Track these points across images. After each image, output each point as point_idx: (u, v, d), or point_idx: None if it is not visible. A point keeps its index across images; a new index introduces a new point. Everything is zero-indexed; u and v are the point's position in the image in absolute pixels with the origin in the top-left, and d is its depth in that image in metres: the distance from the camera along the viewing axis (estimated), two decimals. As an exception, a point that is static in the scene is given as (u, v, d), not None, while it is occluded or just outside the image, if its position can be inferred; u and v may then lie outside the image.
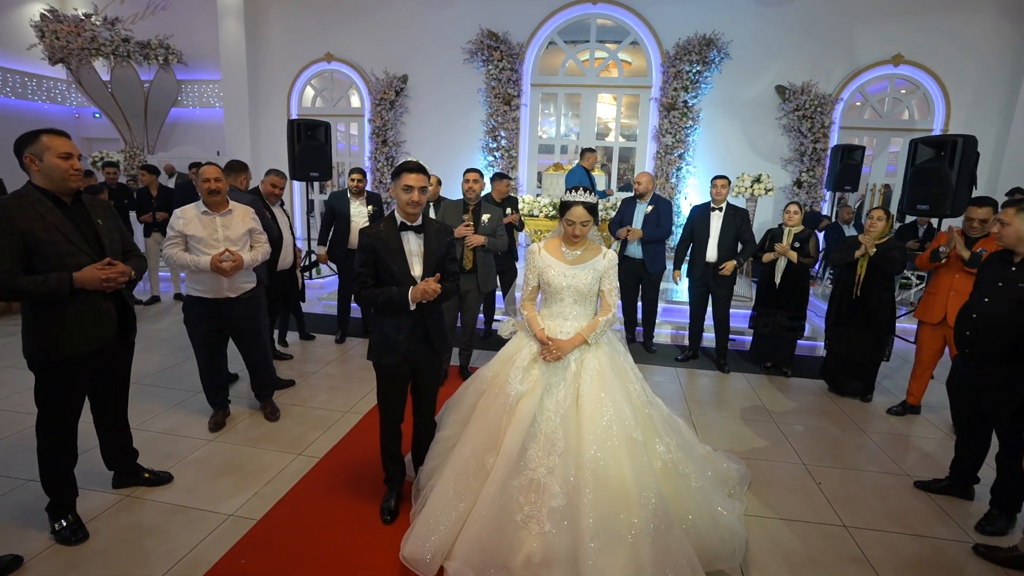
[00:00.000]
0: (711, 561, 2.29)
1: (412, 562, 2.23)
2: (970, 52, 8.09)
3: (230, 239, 3.22)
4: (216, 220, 3.21)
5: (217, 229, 3.20)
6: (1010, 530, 2.73)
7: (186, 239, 3.15)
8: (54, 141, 2.25)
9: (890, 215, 4.17)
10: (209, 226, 3.18)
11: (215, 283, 3.21)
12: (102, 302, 2.38)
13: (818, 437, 3.76)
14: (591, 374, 2.37)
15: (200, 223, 3.17)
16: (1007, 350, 2.53)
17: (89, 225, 2.39)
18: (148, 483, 2.84)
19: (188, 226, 3.13)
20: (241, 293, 3.32)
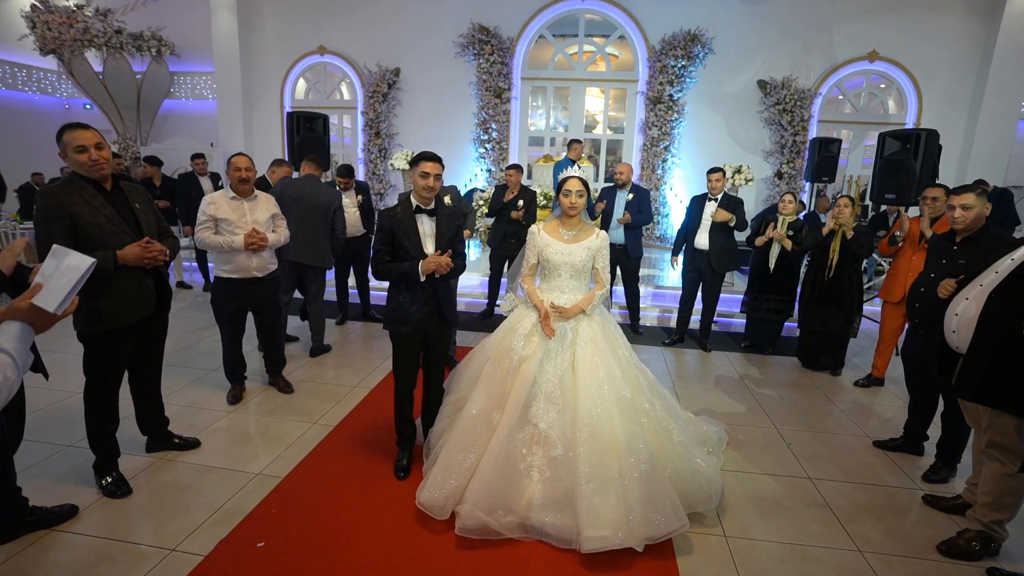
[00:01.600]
0: (691, 505, 2.60)
1: (428, 507, 2.52)
2: (940, 49, 8.48)
3: (257, 222, 3.51)
4: (244, 205, 3.51)
5: (245, 213, 3.49)
6: (951, 479, 3.09)
7: (216, 223, 3.41)
8: (71, 136, 2.44)
9: (856, 202, 4.50)
10: (238, 210, 3.48)
11: (245, 263, 3.49)
12: (143, 278, 2.62)
13: (790, 406, 4.10)
14: (585, 341, 2.66)
15: (229, 207, 3.46)
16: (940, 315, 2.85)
17: (128, 209, 2.62)
18: (178, 448, 3.09)
19: (219, 210, 3.42)
20: (267, 273, 3.60)
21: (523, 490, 2.50)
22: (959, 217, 2.86)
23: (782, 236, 4.85)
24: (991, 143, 8.30)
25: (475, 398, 2.70)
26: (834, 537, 2.62)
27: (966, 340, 2.41)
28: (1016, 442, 2.33)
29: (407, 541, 2.45)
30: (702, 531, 2.59)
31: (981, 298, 2.38)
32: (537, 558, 2.36)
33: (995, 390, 2.30)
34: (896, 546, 2.56)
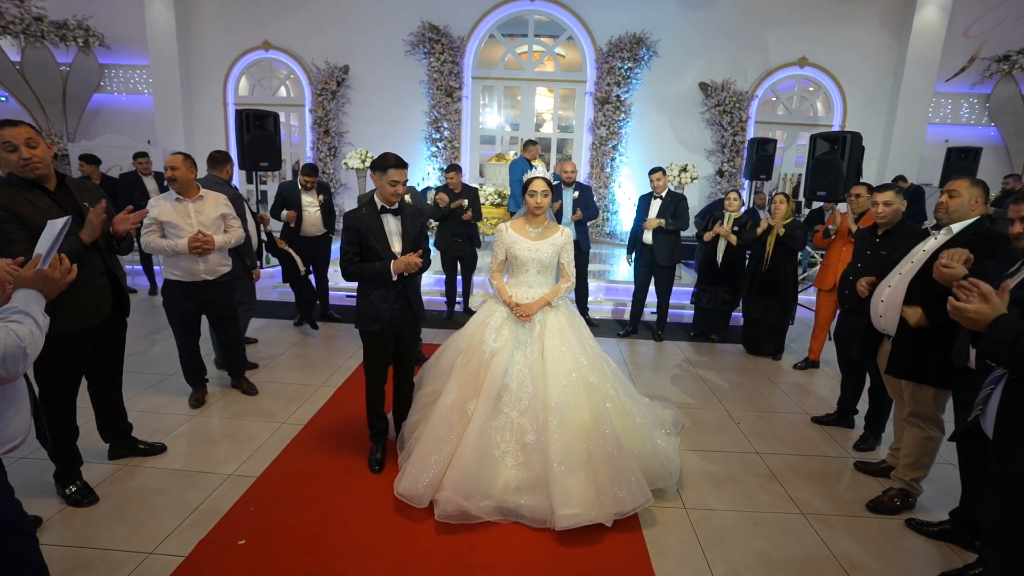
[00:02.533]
0: (653, 481, 2.80)
1: (407, 496, 2.60)
2: (861, 58, 9.18)
3: (203, 224, 3.38)
4: (189, 206, 3.39)
5: (190, 215, 3.37)
6: (878, 447, 3.45)
7: (161, 225, 3.30)
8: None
9: (790, 199, 4.88)
10: (182, 212, 3.36)
11: (192, 267, 3.39)
12: (98, 280, 2.55)
13: (737, 389, 4.41)
14: (553, 332, 2.81)
15: (174, 210, 3.34)
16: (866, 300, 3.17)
17: (76, 209, 2.55)
18: (144, 453, 3.03)
19: (162, 213, 3.30)
20: (218, 276, 3.50)
21: (499, 475, 2.63)
22: (881, 212, 3.19)
23: (727, 232, 5.18)
24: (905, 145, 9.07)
25: (449, 390, 2.80)
26: (780, 503, 2.88)
27: (893, 323, 2.71)
28: (933, 410, 2.65)
29: (388, 530, 2.52)
30: (664, 505, 2.79)
31: (902, 286, 2.69)
32: (514, 538, 2.49)
33: (919, 367, 2.61)
34: (833, 507, 2.86)
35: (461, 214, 5.52)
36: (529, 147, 6.77)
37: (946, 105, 9.43)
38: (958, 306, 1.70)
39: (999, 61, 8.98)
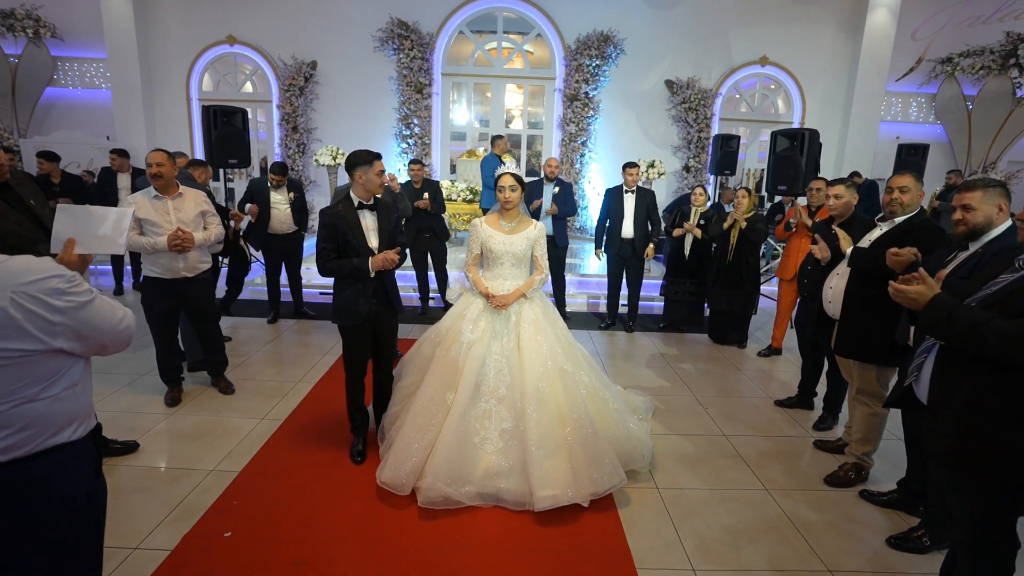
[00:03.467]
0: (627, 463, 2.93)
1: (390, 485, 2.67)
2: (819, 57, 9.56)
3: (183, 221, 3.38)
4: (168, 204, 3.37)
5: (169, 212, 3.35)
6: (835, 426, 3.67)
7: (140, 223, 3.27)
8: None
9: (752, 193, 5.10)
10: (161, 210, 3.34)
11: (172, 264, 3.38)
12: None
13: (705, 376, 4.60)
14: (528, 322, 2.91)
15: (152, 207, 3.31)
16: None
17: (26, 208, 2.52)
18: (117, 453, 3.01)
19: (141, 210, 3.26)
20: (197, 273, 3.50)
21: (479, 461, 2.72)
22: (832, 204, 3.41)
23: (692, 226, 5.38)
24: (860, 141, 9.49)
25: (429, 380, 2.87)
26: (746, 480, 3.06)
27: (839, 308, 2.92)
28: (877, 388, 2.86)
29: (373, 517, 2.59)
30: (637, 486, 2.93)
31: (847, 274, 2.90)
32: (496, 520, 2.59)
33: (861, 346, 2.82)
34: (794, 483, 3.05)
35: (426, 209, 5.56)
36: (497, 142, 6.80)
37: (897, 104, 9.90)
38: (900, 288, 1.87)
39: (943, 63, 9.48)
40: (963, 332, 1.68)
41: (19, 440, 1.29)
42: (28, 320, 1.24)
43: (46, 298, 1.25)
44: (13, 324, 1.22)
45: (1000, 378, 1.67)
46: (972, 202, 2.19)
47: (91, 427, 1.48)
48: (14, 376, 1.26)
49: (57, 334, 1.29)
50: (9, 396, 1.26)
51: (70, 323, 1.30)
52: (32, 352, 1.26)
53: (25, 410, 1.29)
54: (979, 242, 2.22)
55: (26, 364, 1.27)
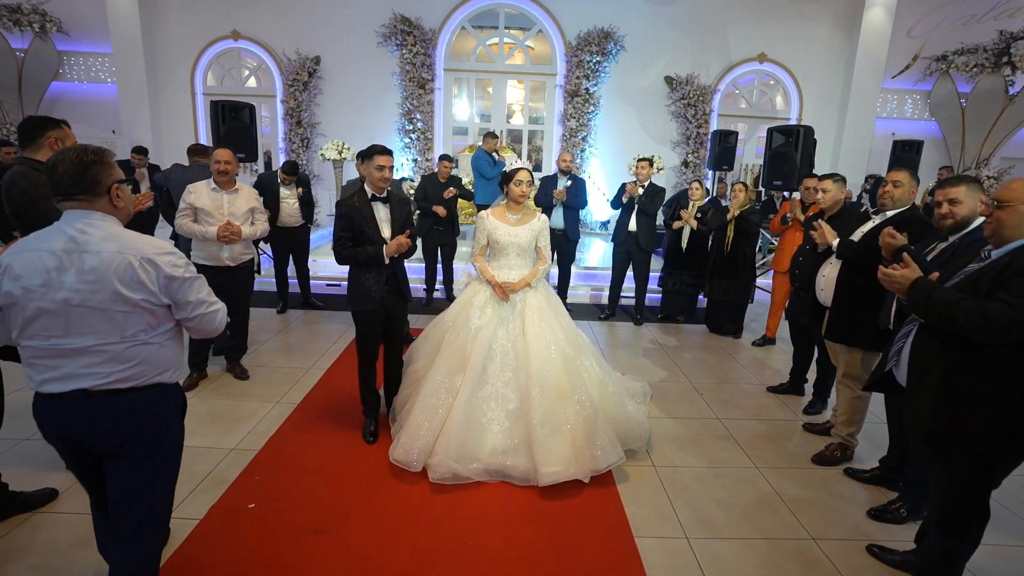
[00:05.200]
0: (625, 443, 3.09)
1: (402, 462, 2.84)
2: (816, 55, 9.69)
3: (234, 215, 3.64)
4: (223, 197, 3.63)
5: (223, 205, 3.62)
6: (824, 410, 3.84)
7: (195, 211, 3.54)
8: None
9: (748, 188, 5.25)
10: (217, 202, 3.61)
11: (217, 253, 3.62)
12: None
13: (701, 364, 4.77)
14: (533, 309, 3.08)
15: (209, 198, 3.59)
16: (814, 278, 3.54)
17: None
18: None
19: (198, 200, 3.54)
20: (239, 263, 3.73)
21: (486, 440, 2.89)
22: (820, 198, 3.58)
23: (689, 217, 5.54)
24: (856, 137, 9.64)
25: (438, 364, 3.04)
26: (738, 460, 3.23)
27: (830, 296, 3.09)
28: (861, 372, 3.03)
29: (386, 491, 2.76)
30: (635, 464, 3.10)
31: (839, 264, 3.06)
32: (502, 494, 2.76)
33: (850, 332, 2.99)
34: (784, 462, 3.22)
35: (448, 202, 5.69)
36: (487, 139, 6.87)
37: (892, 100, 10.04)
38: (887, 272, 2.04)
39: (937, 60, 9.62)
40: (938, 311, 1.85)
41: (135, 373, 1.66)
42: (149, 280, 1.61)
43: (165, 267, 1.63)
44: (138, 280, 1.60)
45: (971, 355, 1.84)
46: (958, 196, 2.35)
47: (179, 378, 1.82)
48: (135, 320, 1.63)
49: (164, 293, 1.65)
50: (132, 336, 1.64)
51: (173, 289, 1.67)
52: (148, 304, 1.63)
53: (140, 350, 1.66)
54: (958, 235, 2.38)
55: (144, 313, 1.64)
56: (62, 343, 1.58)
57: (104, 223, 1.62)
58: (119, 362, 1.62)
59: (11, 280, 1.56)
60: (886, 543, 2.47)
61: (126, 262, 1.58)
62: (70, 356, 1.59)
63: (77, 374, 1.60)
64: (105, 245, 1.58)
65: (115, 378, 1.62)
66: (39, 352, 1.60)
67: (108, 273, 1.56)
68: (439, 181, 5.75)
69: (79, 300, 1.56)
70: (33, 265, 1.55)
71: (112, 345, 1.61)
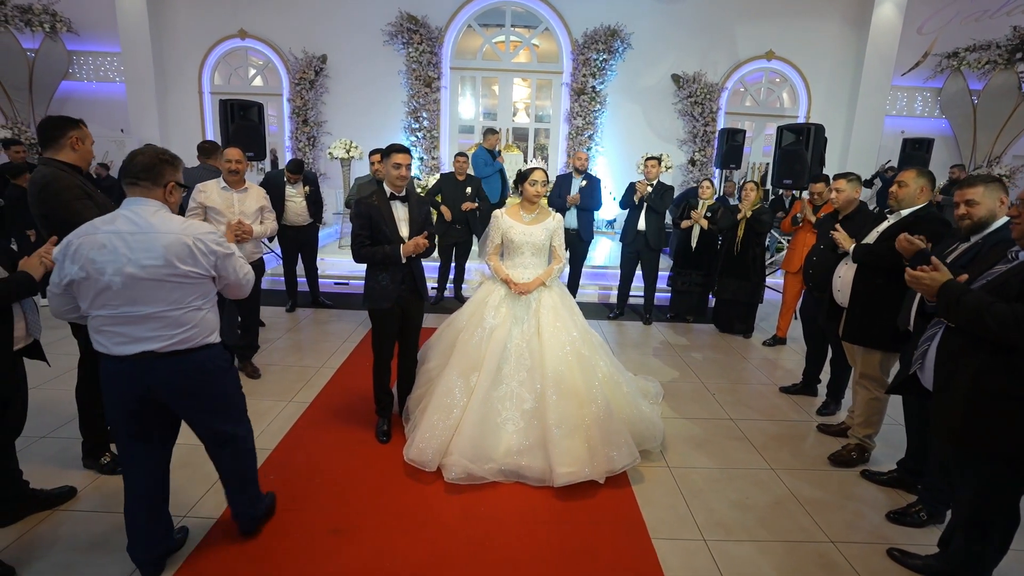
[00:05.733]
0: (640, 443, 3.07)
1: (417, 462, 2.84)
2: (824, 52, 9.62)
3: (244, 213, 3.65)
4: (233, 196, 3.65)
5: (234, 204, 3.64)
6: (838, 411, 3.81)
7: (205, 210, 3.54)
8: None
9: (759, 186, 5.22)
10: (227, 200, 3.62)
11: None
12: None
13: (711, 364, 4.75)
14: (548, 309, 3.07)
15: (220, 197, 3.60)
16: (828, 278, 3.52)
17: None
18: None
19: (208, 199, 3.55)
20: (250, 261, 3.71)
21: (501, 440, 2.88)
22: (834, 197, 3.56)
23: (699, 216, 5.52)
24: (865, 135, 9.58)
25: (453, 364, 3.03)
26: (752, 461, 3.21)
27: (847, 297, 3.06)
28: (879, 373, 3.01)
29: (401, 491, 2.76)
30: (650, 464, 3.09)
31: (855, 265, 3.03)
32: (518, 495, 2.75)
33: (867, 333, 2.96)
34: (798, 463, 3.20)
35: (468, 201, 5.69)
36: (488, 136, 6.80)
37: (902, 98, 9.97)
38: (915, 274, 2.02)
39: (948, 57, 9.54)
40: (968, 315, 1.83)
41: (191, 335, 1.97)
42: (201, 255, 1.93)
43: (211, 245, 1.96)
44: (193, 257, 1.92)
45: (1001, 359, 1.82)
46: (975, 197, 2.32)
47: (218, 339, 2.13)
48: (189, 290, 1.94)
49: (212, 267, 1.98)
50: (187, 303, 1.95)
51: (218, 263, 2.01)
52: (200, 276, 1.96)
53: (193, 315, 1.97)
54: (979, 234, 2.35)
55: (196, 284, 1.96)
56: (129, 311, 1.87)
57: (159, 211, 1.93)
58: (178, 326, 1.93)
59: (82, 259, 1.82)
60: (906, 547, 2.45)
61: (182, 242, 1.88)
62: (137, 323, 1.89)
63: (144, 337, 1.90)
64: (164, 228, 1.88)
65: (176, 339, 1.93)
66: (109, 320, 1.88)
67: (169, 252, 1.86)
68: (456, 179, 5.73)
69: (145, 275, 1.84)
70: (103, 245, 1.83)
71: (171, 311, 1.91)
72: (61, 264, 1.85)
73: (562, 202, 5.54)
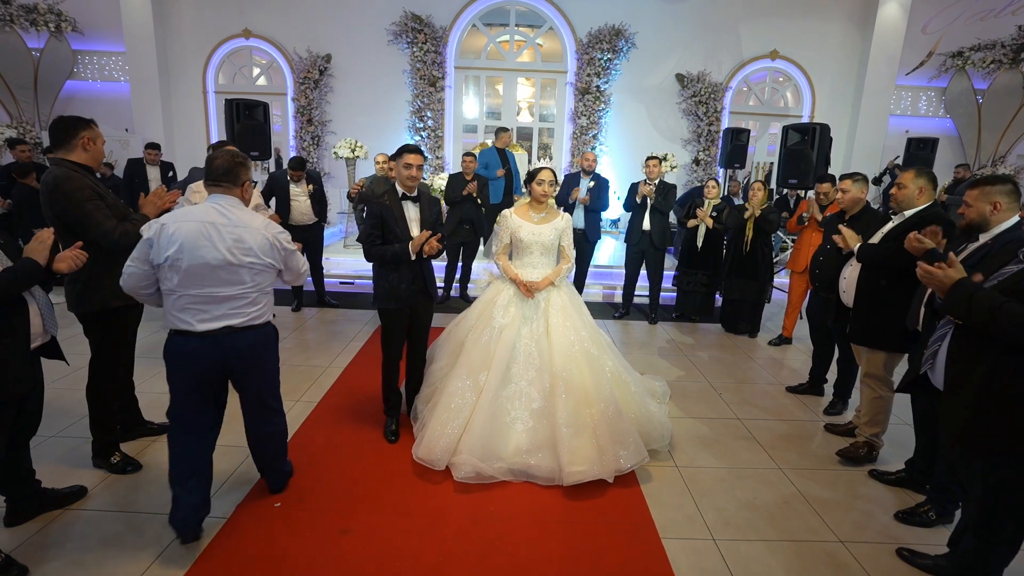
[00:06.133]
0: (648, 443, 3.08)
1: (427, 460, 2.84)
2: (828, 51, 9.60)
3: None
4: None
5: None
6: (844, 411, 3.81)
7: None
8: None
9: (767, 186, 5.22)
10: None
11: None
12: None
13: (718, 364, 4.75)
14: (557, 308, 3.07)
15: None
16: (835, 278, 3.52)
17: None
18: (154, 432, 3.17)
19: (203, 198, 3.44)
20: None
21: (510, 439, 2.89)
22: (839, 198, 3.57)
23: (705, 215, 5.51)
24: (869, 135, 9.56)
25: (462, 363, 3.04)
26: (760, 460, 3.22)
27: (852, 296, 3.07)
28: (883, 372, 3.02)
29: (410, 490, 2.76)
30: (658, 464, 3.09)
31: (860, 265, 3.04)
32: (527, 494, 2.76)
33: (872, 333, 2.97)
34: (806, 462, 3.20)
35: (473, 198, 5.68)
36: (500, 135, 6.71)
37: (906, 98, 9.95)
38: (929, 269, 2.02)
39: (953, 57, 9.51)
40: (981, 314, 1.83)
41: (260, 313, 2.31)
42: (273, 249, 2.28)
43: (284, 243, 2.33)
44: (270, 249, 2.27)
45: (1013, 359, 1.82)
46: (968, 199, 2.35)
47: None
48: (264, 277, 2.29)
49: (282, 261, 2.34)
50: (264, 287, 2.30)
51: (287, 258, 2.37)
52: (273, 266, 2.31)
53: (262, 296, 2.32)
54: (989, 234, 2.35)
55: (269, 272, 2.31)
56: (216, 291, 2.17)
57: (240, 207, 2.27)
58: (253, 305, 2.26)
59: (179, 242, 2.09)
60: (916, 547, 2.45)
61: (263, 236, 2.24)
62: (221, 302, 2.19)
63: (226, 314, 2.20)
64: (251, 223, 2.23)
65: (250, 317, 2.26)
66: (197, 299, 2.16)
67: (253, 243, 2.20)
68: (465, 179, 5.74)
69: (235, 261, 2.16)
70: (199, 232, 2.12)
71: (250, 293, 2.24)
72: (155, 243, 2.10)
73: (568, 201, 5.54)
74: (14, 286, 2.00)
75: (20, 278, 2.01)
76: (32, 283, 2.09)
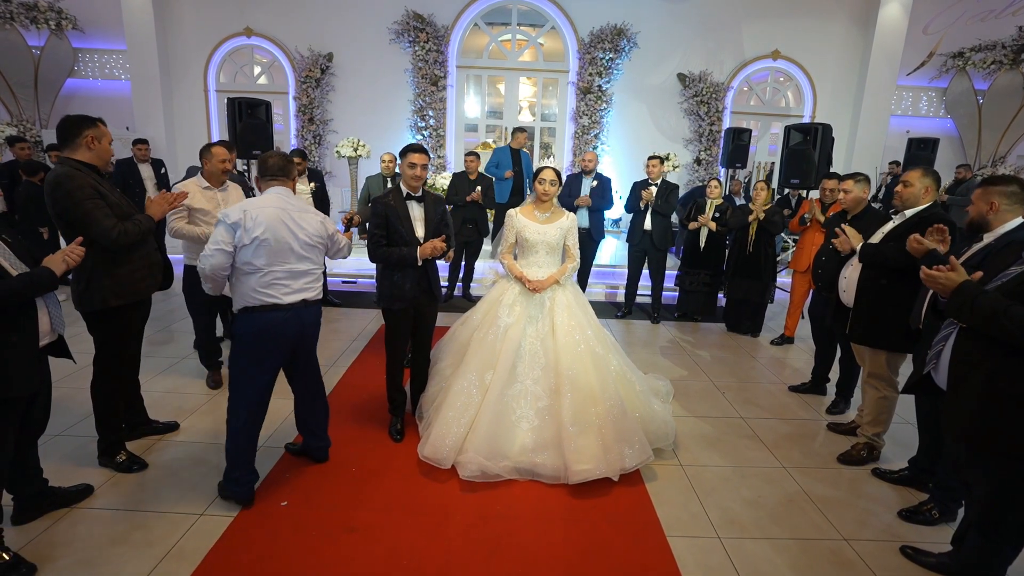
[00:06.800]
0: (652, 442, 3.09)
1: (433, 459, 2.85)
2: (830, 51, 9.61)
3: None
4: (217, 195, 3.55)
5: (219, 203, 3.53)
6: (847, 410, 3.83)
7: (189, 212, 3.44)
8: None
9: (770, 186, 5.23)
10: (212, 200, 3.51)
11: None
12: (154, 254, 2.81)
13: (721, 363, 4.76)
14: (562, 307, 3.08)
15: (203, 197, 3.49)
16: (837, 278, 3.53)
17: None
18: (158, 432, 3.18)
19: (192, 200, 3.41)
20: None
21: (516, 438, 2.90)
22: (841, 198, 3.58)
23: (707, 219, 5.52)
24: (870, 135, 9.57)
25: (467, 362, 3.04)
26: (763, 459, 3.23)
27: (852, 296, 3.08)
28: (886, 372, 3.03)
29: (416, 489, 2.77)
30: (662, 463, 3.10)
31: (861, 265, 3.05)
32: (532, 492, 2.77)
33: (873, 333, 2.98)
34: (809, 461, 3.22)
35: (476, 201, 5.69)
36: (516, 135, 6.70)
37: (907, 98, 9.96)
38: (931, 272, 2.03)
39: (954, 57, 9.52)
40: (984, 316, 1.84)
41: (321, 288, 2.69)
42: (327, 230, 2.68)
43: (330, 226, 2.71)
44: (327, 230, 2.67)
45: (1015, 361, 1.83)
46: (973, 197, 2.39)
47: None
48: (320, 255, 2.66)
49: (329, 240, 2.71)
50: (321, 263, 2.66)
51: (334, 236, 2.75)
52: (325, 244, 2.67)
53: (322, 275, 2.69)
54: (993, 234, 2.36)
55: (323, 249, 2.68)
56: (296, 267, 2.50)
57: (295, 197, 2.60)
58: (317, 281, 2.63)
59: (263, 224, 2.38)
60: (919, 544, 2.46)
61: (319, 220, 2.62)
62: (300, 277, 2.52)
63: (303, 288, 2.54)
64: (307, 208, 2.59)
65: (317, 291, 2.63)
66: (283, 275, 2.47)
67: (317, 225, 2.59)
68: (468, 179, 5.74)
69: (311, 241, 2.53)
70: (277, 216, 2.44)
71: (317, 269, 2.62)
72: (240, 226, 2.35)
73: (571, 201, 5.55)
74: (28, 292, 2.03)
75: (35, 285, 2.04)
76: (45, 291, 2.12)
